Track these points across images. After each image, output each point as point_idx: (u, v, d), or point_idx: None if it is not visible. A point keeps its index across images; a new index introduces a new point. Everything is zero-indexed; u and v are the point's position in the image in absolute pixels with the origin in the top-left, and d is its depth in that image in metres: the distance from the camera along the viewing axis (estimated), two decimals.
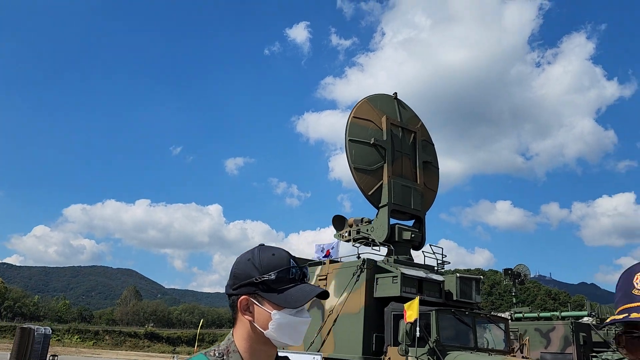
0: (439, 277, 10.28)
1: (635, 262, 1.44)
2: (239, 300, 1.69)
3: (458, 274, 10.17)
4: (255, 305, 1.67)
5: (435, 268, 11.32)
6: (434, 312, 8.94)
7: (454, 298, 10.01)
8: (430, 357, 8.60)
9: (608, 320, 1.43)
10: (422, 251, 11.54)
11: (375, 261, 10.32)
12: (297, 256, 12.50)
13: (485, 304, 68.30)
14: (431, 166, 12.52)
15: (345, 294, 10.26)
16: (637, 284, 1.38)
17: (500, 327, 9.89)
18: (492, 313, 11.15)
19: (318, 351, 10.48)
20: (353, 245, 11.47)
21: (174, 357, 68.70)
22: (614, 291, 1.48)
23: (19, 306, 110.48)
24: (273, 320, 1.62)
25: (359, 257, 10.52)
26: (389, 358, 9.30)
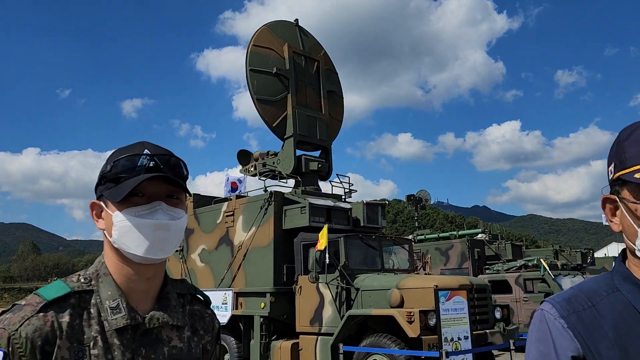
0: (347, 205, 10.40)
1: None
2: (89, 205, 1.35)
3: (365, 201, 10.35)
4: (103, 210, 1.33)
5: (343, 197, 11.44)
6: (342, 238, 9.07)
7: (361, 224, 10.22)
8: (339, 281, 8.79)
9: (627, 172, 1.11)
10: (330, 181, 11.58)
11: (283, 193, 10.19)
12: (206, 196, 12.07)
13: (390, 231, 72.21)
14: (336, 95, 12.37)
15: (253, 229, 10.11)
16: None
17: (404, 249, 10.32)
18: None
19: (229, 287, 10.38)
20: (259, 179, 11.24)
21: None
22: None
23: None
24: (114, 223, 1.29)
25: (266, 191, 10.32)
26: (300, 287, 9.42)
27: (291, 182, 11.34)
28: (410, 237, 18.63)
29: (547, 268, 13.18)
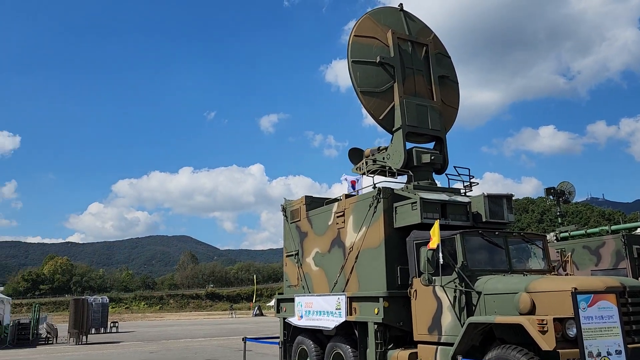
0: (465, 199, 9.30)
1: None
2: None
3: (486, 193, 9.16)
4: None
5: (463, 191, 10.32)
6: (458, 235, 8.04)
7: (484, 219, 9.05)
8: (457, 284, 7.78)
9: None
10: (446, 174, 10.53)
11: (392, 189, 9.42)
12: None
13: (537, 231, 66.42)
14: (449, 81, 11.27)
15: (364, 229, 9.49)
16: None
17: (538, 246, 8.91)
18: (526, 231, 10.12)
19: (342, 291, 9.86)
20: (367, 176, 10.59)
21: (231, 313, 71.35)
22: None
23: (87, 280, 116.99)
24: None
25: (375, 188, 9.64)
26: (415, 290, 8.55)
27: (405, 179, 10.51)
28: (552, 234, 16.50)
29: None
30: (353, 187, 11.89)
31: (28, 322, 29.48)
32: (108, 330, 36.61)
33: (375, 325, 8.83)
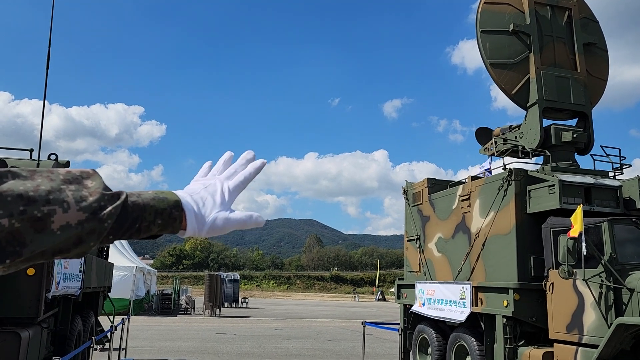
0: (614, 182, 8.11)
1: None
2: None
3: None
4: None
5: (612, 174, 9.04)
6: (606, 222, 7.00)
7: (638, 206, 7.82)
8: (604, 279, 6.78)
9: None
10: (591, 155, 9.29)
11: (525, 171, 8.51)
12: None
13: None
14: (596, 49, 9.89)
15: (492, 213, 8.72)
16: None
17: None
18: None
19: (467, 280, 9.20)
20: (497, 157, 9.69)
21: (354, 296, 72.40)
22: None
23: (222, 258, 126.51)
24: None
25: (505, 169, 8.79)
26: (552, 283, 7.65)
27: (540, 160, 9.48)
28: None
29: None
30: (490, 172, 11.04)
31: (170, 293, 32.48)
32: (239, 305, 39.02)
33: (504, 319, 8.09)
